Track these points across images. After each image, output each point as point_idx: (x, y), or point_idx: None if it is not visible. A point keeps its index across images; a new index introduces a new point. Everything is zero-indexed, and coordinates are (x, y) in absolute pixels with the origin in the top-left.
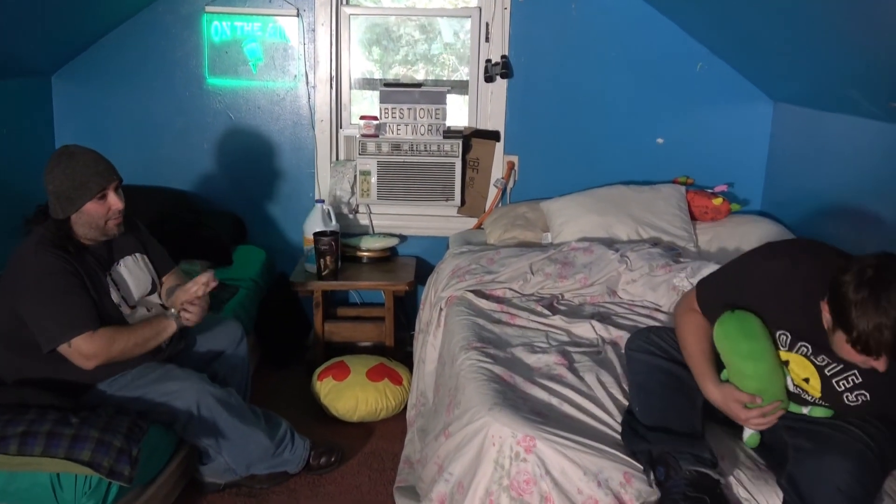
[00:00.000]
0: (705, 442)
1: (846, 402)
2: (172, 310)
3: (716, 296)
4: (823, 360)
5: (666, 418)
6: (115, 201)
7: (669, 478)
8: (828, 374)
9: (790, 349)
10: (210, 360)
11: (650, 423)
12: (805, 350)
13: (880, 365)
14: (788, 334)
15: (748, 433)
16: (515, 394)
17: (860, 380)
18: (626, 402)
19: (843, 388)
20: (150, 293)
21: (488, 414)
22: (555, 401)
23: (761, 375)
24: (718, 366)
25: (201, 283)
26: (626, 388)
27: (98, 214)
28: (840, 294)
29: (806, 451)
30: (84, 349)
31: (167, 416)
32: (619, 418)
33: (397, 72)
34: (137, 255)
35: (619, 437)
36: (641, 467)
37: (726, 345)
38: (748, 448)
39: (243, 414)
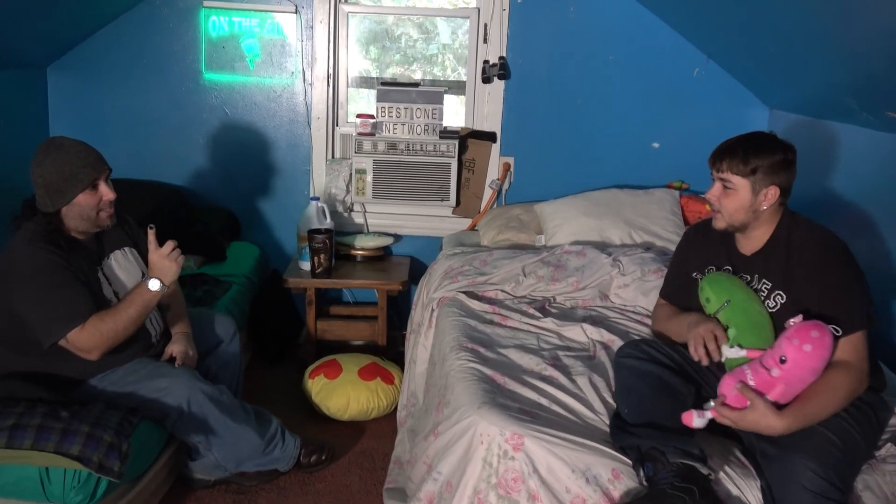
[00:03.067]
0: (695, 439)
1: (769, 309)
2: (152, 280)
3: (667, 282)
4: (741, 277)
5: (654, 416)
6: (106, 192)
7: (657, 472)
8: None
9: None
10: (202, 356)
11: (639, 421)
12: (727, 272)
13: (715, 188)
14: (714, 267)
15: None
16: (504, 394)
17: (770, 284)
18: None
19: (762, 297)
20: None
21: (476, 413)
22: (544, 401)
23: (720, 285)
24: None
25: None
26: None
27: (90, 206)
28: None
29: (771, 457)
30: (79, 343)
31: (158, 412)
32: (609, 419)
33: (395, 71)
34: (126, 249)
35: (608, 434)
36: (630, 462)
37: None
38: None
39: (234, 411)
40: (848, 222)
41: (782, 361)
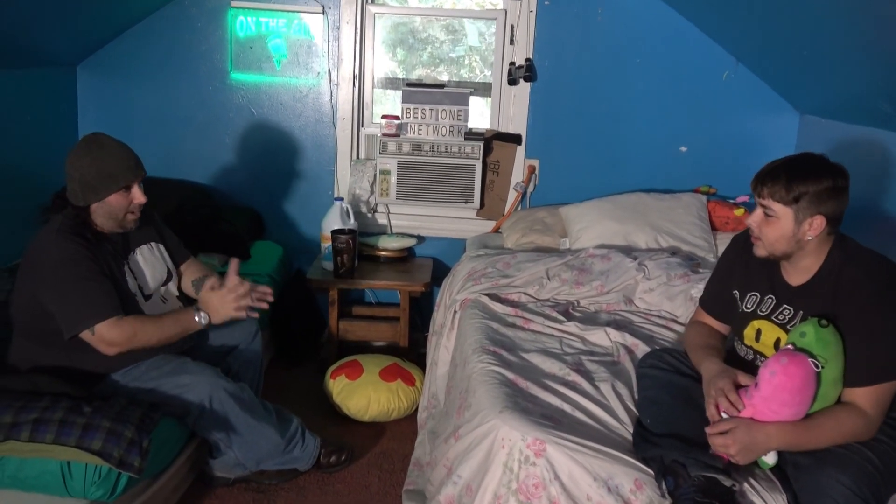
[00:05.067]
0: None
1: None
2: (202, 314)
3: (708, 291)
4: (784, 310)
5: (677, 427)
6: (138, 195)
7: (678, 486)
8: (790, 328)
9: (760, 309)
10: (224, 354)
11: (661, 431)
12: (770, 302)
13: (756, 214)
14: (758, 294)
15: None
16: (526, 398)
17: (805, 314)
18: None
19: None
20: (166, 282)
21: (498, 417)
22: (567, 407)
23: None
24: None
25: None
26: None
27: (120, 207)
28: None
29: (804, 468)
30: (107, 336)
31: (179, 409)
32: (632, 427)
33: (420, 73)
34: (153, 244)
35: (631, 443)
36: (653, 473)
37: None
38: (762, 468)
39: (255, 409)
40: (883, 232)
41: (756, 386)
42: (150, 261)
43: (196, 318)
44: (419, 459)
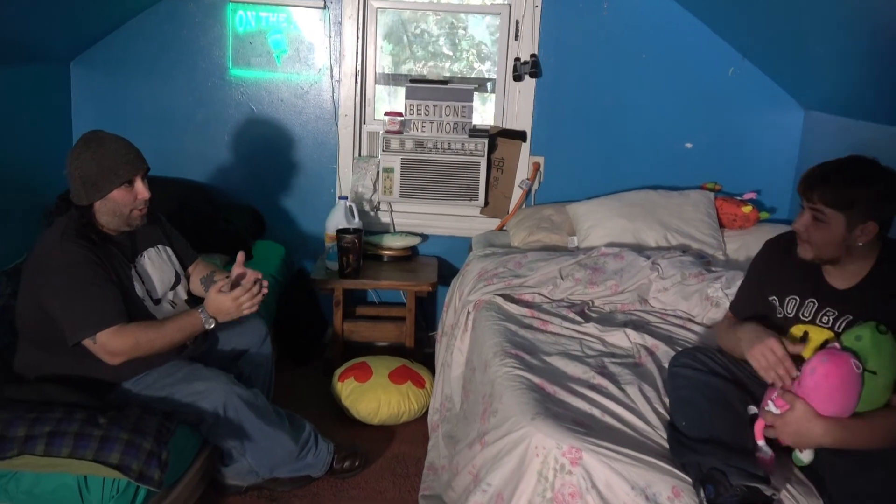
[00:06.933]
0: (755, 458)
1: None
2: (209, 318)
3: (740, 297)
4: (828, 312)
5: (714, 431)
6: (141, 190)
7: (719, 495)
8: (837, 329)
9: (802, 313)
10: (234, 358)
11: (698, 436)
12: (812, 306)
13: (805, 218)
14: (797, 297)
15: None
16: (556, 404)
17: (852, 318)
18: (668, 417)
19: None
20: (174, 286)
21: (531, 424)
22: (596, 412)
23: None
24: None
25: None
26: (668, 402)
27: (124, 203)
28: None
29: (841, 470)
30: (109, 345)
31: (193, 417)
32: (664, 431)
33: (419, 68)
34: (160, 246)
35: (666, 449)
36: (690, 480)
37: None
38: (797, 466)
39: (268, 416)
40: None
41: (799, 381)
42: (157, 264)
43: (203, 321)
44: (433, 463)
